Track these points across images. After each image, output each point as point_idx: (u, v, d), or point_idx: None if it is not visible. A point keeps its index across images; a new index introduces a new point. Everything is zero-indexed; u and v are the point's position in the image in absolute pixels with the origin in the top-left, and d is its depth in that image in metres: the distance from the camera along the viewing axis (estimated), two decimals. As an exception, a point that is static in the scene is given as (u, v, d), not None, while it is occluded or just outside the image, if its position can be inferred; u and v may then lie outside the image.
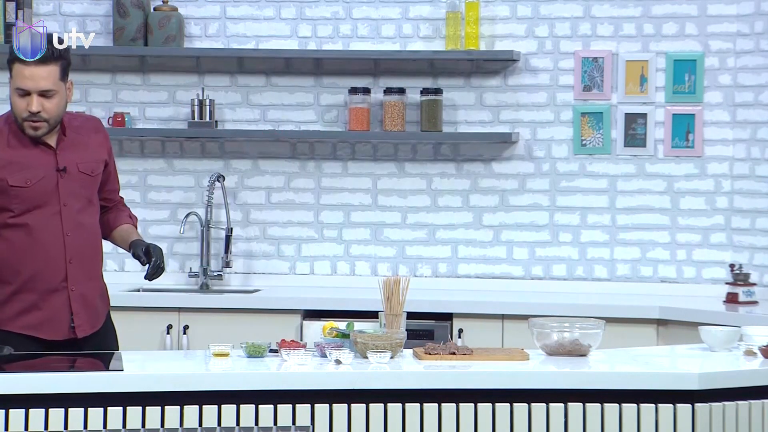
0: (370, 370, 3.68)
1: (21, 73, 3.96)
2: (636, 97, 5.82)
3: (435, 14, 5.90)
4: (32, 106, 3.96)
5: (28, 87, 3.96)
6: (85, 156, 4.13)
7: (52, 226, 4.04)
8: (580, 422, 3.63)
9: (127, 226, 4.29)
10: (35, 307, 4.04)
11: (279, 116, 5.98)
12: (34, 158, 4.04)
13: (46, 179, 4.04)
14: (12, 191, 4.00)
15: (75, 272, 4.07)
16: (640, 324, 5.31)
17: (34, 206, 4.02)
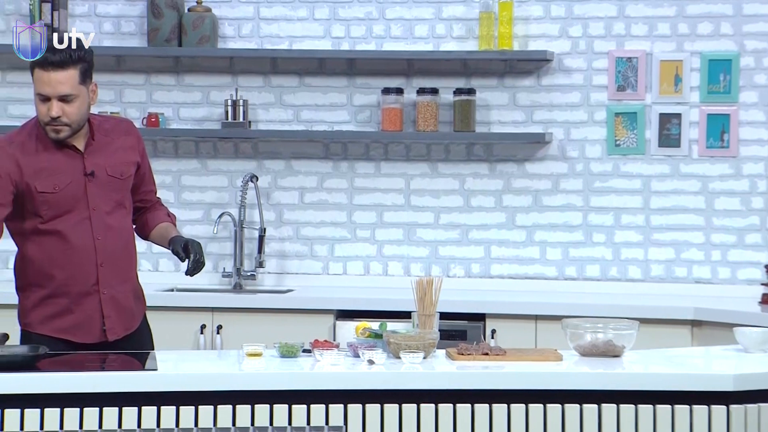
0: (403, 370, 3.68)
1: (40, 78, 3.96)
2: (670, 97, 5.79)
3: (468, 14, 5.89)
4: (52, 111, 3.95)
5: (47, 92, 3.95)
6: (115, 159, 4.12)
7: (82, 230, 4.05)
8: (613, 423, 3.61)
9: (165, 224, 4.29)
10: (67, 311, 4.06)
11: (312, 116, 5.99)
12: (62, 163, 4.04)
13: (74, 184, 4.04)
14: (40, 197, 4.00)
15: (106, 275, 4.08)
16: (675, 325, 5.28)
17: (63, 211, 4.03)
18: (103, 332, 4.08)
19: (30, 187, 3.99)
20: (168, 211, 4.37)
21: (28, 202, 4.02)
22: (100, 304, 4.07)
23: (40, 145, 4.04)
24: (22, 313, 4.13)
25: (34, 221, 4.03)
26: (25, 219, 4.05)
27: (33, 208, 4.02)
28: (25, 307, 4.11)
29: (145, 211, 4.31)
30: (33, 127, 4.08)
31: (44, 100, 3.96)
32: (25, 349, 3.72)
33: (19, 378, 3.54)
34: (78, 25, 6.01)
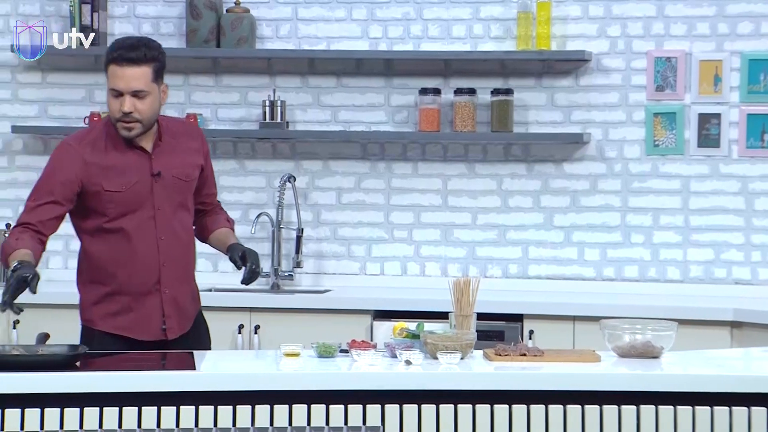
0: (440, 371, 3.68)
1: (114, 73, 4.01)
2: (710, 97, 5.75)
3: (506, 14, 5.88)
4: (125, 107, 4.01)
5: (120, 87, 4.01)
6: (181, 161, 4.17)
7: (147, 230, 4.10)
8: (652, 425, 3.60)
9: (225, 230, 4.35)
10: (128, 308, 4.11)
11: (350, 117, 6.00)
12: (130, 163, 4.09)
13: (140, 184, 4.09)
14: (107, 196, 4.05)
15: (168, 275, 4.14)
16: (714, 326, 5.25)
17: (129, 210, 4.08)
18: (163, 331, 4.14)
19: (97, 185, 4.05)
20: (227, 216, 4.43)
21: (94, 200, 4.07)
22: (161, 303, 4.13)
23: (109, 144, 4.09)
24: (83, 309, 4.19)
25: (99, 219, 4.09)
26: (89, 217, 4.11)
27: (99, 207, 4.08)
28: (86, 304, 4.17)
29: (205, 214, 4.35)
30: (104, 126, 4.14)
31: (117, 96, 4.02)
32: (65, 348, 3.75)
33: (59, 377, 3.56)
34: (117, 27, 6.04)
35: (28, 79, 6.09)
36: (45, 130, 6.03)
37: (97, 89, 6.08)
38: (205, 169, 4.27)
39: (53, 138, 6.08)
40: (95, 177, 4.05)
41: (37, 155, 6.10)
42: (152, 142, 4.13)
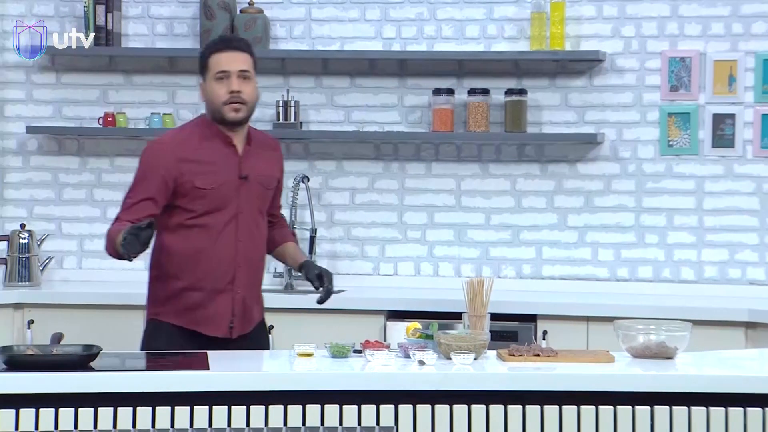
0: (453, 371, 3.67)
1: (218, 60, 4.17)
2: (724, 98, 5.74)
3: (520, 15, 5.87)
4: (233, 85, 4.14)
5: (228, 68, 4.15)
6: (264, 168, 4.31)
7: (228, 230, 4.19)
8: (666, 426, 3.59)
9: (293, 245, 4.49)
10: (201, 305, 4.18)
11: (363, 117, 6.00)
12: (221, 162, 4.19)
13: (228, 184, 4.19)
14: (197, 192, 4.15)
15: (241, 277, 4.23)
16: (729, 327, 5.23)
17: (214, 209, 4.17)
18: (230, 329, 4.22)
19: (189, 182, 4.14)
20: (293, 231, 4.58)
21: (182, 196, 4.16)
22: (232, 302, 4.21)
23: (203, 142, 4.20)
24: (153, 302, 4.26)
25: (183, 216, 4.16)
26: (174, 214, 4.18)
27: (186, 203, 4.16)
28: (158, 298, 4.24)
29: (273, 226, 4.45)
30: (196, 125, 4.26)
31: (223, 79, 4.14)
32: (80, 348, 3.76)
33: (74, 377, 3.57)
34: (131, 27, 6.06)
35: (43, 79, 6.10)
36: (59, 131, 6.05)
37: (110, 90, 6.09)
38: (280, 183, 4.44)
39: (67, 138, 6.10)
40: (187, 174, 4.14)
41: (51, 155, 6.11)
42: (242, 145, 4.26)
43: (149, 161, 4.20)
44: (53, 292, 5.71)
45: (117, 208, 6.04)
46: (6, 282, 5.83)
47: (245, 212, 4.23)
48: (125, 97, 6.08)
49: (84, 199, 6.11)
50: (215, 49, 4.22)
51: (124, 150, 6.09)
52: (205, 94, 4.23)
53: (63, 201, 6.12)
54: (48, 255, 5.99)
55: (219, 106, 4.17)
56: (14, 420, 3.50)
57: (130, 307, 5.53)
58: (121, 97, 6.08)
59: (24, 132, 6.05)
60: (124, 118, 6.01)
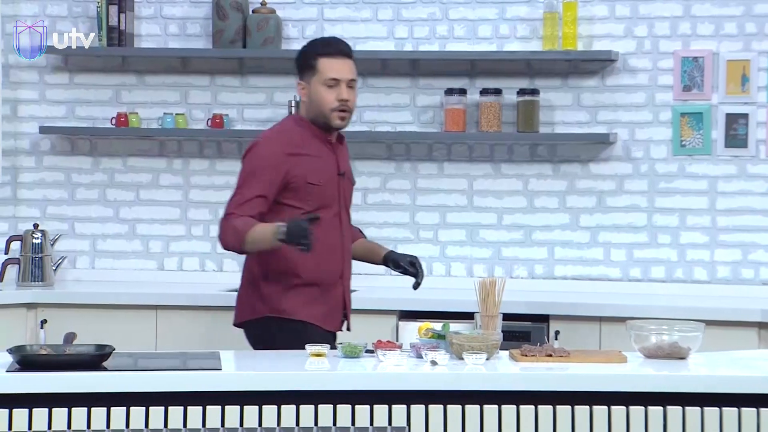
0: (465, 371, 3.67)
1: (330, 66, 4.24)
2: (737, 97, 5.73)
3: (532, 14, 5.87)
4: (343, 94, 4.22)
5: (339, 76, 4.23)
6: (348, 165, 4.41)
7: (334, 225, 4.28)
8: (679, 426, 3.58)
9: (366, 240, 4.58)
10: (318, 299, 4.25)
11: (375, 117, 6.00)
12: (324, 159, 4.28)
13: (331, 180, 4.29)
14: (308, 188, 4.21)
15: (346, 270, 4.35)
16: (741, 327, 5.22)
17: (323, 204, 4.24)
18: (342, 322, 4.33)
19: (300, 177, 4.20)
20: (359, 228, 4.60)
21: (294, 193, 4.21)
22: (343, 295, 4.31)
23: (306, 140, 4.26)
24: (270, 300, 4.25)
25: (292, 212, 4.20)
26: (282, 211, 4.21)
27: (295, 199, 4.21)
28: (275, 295, 4.24)
29: None
30: (295, 123, 4.32)
31: (333, 86, 4.22)
32: (92, 348, 3.76)
33: (86, 377, 3.58)
34: (144, 27, 6.07)
35: (56, 80, 6.12)
36: (72, 131, 6.06)
37: (123, 90, 6.10)
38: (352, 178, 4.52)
39: (80, 138, 6.11)
40: (298, 169, 4.20)
41: (64, 155, 6.13)
42: (334, 142, 4.35)
43: (260, 158, 4.23)
44: (66, 292, 5.72)
45: (128, 208, 6.12)
46: (19, 282, 5.84)
47: (344, 208, 4.34)
48: (138, 98, 6.09)
49: (97, 199, 6.12)
50: (325, 53, 4.27)
51: (137, 150, 6.10)
52: (308, 96, 4.27)
53: (76, 201, 6.13)
54: (61, 255, 6.01)
55: (327, 111, 4.24)
56: (27, 419, 3.51)
57: (143, 306, 5.55)
58: (134, 98, 6.09)
59: (37, 132, 6.07)
60: (136, 118, 6.02)
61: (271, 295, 4.26)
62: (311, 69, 4.27)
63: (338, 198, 4.31)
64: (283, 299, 4.23)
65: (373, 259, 4.53)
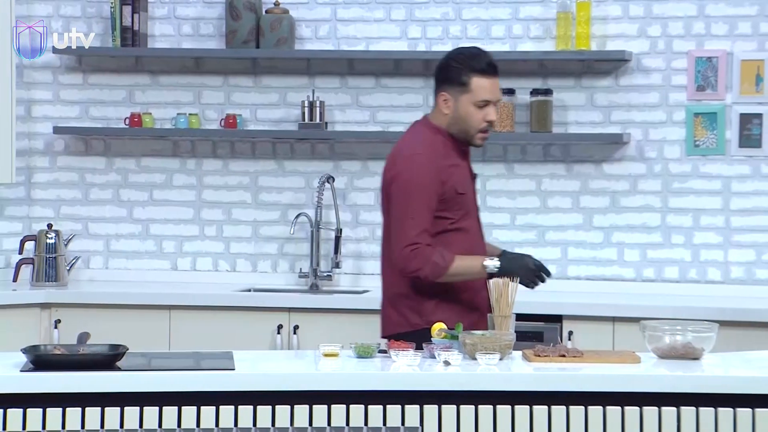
0: (478, 371, 3.67)
1: (483, 85, 4.15)
2: (751, 97, 5.71)
3: (545, 14, 5.86)
4: (491, 115, 4.16)
5: (491, 98, 4.17)
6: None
7: (476, 230, 4.26)
8: (693, 427, 3.57)
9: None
10: (468, 309, 4.17)
11: (388, 117, 6.00)
12: (462, 167, 4.24)
13: (470, 187, 4.26)
14: (457, 198, 4.18)
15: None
16: (755, 327, 5.21)
17: (467, 211, 4.22)
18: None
19: (452, 188, 4.17)
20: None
21: (445, 203, 4.17)
22: (488, 300, 4.16)
23: (448, 150, 4.21)
24: (424, 312, 4.19)
25: (443, 223, 4.17)
26: (438, 222, 4.17)
27: (447, 210, 4.17)
28: (427, 307, 4.19)
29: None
30: (432, 132, 4.23)
31: (483, 106, 4.15)
32: (106, 348, 3.77)
33: (100, 377, 3.59)
34: (158, 27, 6.08)
35: (70, 80, 6.13)
36: (86, 131, 6.08)
37: (137, 90, 6.11)
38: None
39: (94, 139, 6.12)
40: (450, 181, 4.17)
41: (78, 156, 6.14)
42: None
43: (419, 175, 4.14)
44: (80, 292, 5.74)
45: (142, 208, 6.13)
46: (33, 282, 5.85)
47: (477, 213, 4.31)
48: (151, 98, 6.10)
49: (110, 199, 6.13)
50: (480, 71, 4.16)
51: (150, 150, 6.11)
52: (453, 110, 4.17)
53: (89, 201, 6.14)
54: (75, 255, 6.02)
55: (472, 131, 4.18)
56: (41, 419, 3.52)
57: (156, 307, 5.56)
58: (148, 98, 6.10)
59: (51, 132, 6.08)
60: (150, 118, 6.03)
61: (425, 307, 4.19)
62: (462, 85, 4.15)
63: (475, 203, 4.28)
64: (438, 311, 4.17)
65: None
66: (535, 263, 4.13)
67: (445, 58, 4.26)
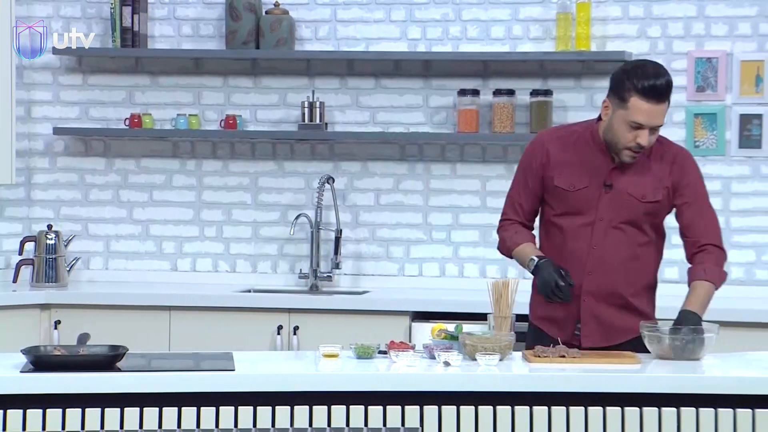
0: (478, 372, 3.67)
1: (640, 109, 3.97)
2: (751, 98, 5.71)
3: (545, 15, 5.86)
4: (644, 140, 3.99)
5: (645, 122, 3.98)
6: (642, 180, 4.09)
7: (582, 235, 4.11)
8: (693, 427, 3.57)
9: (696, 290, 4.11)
10: (548, 305, 4.12)
11: (388, 118, 6.00)
12: (589, 167, 4.10)
13: (590, 189, 4.10)
14: (555, 191, 4.12)
15: (591, 285, 4.09)
16: (756, 328, 5.21)
17: (571, 211, 4.12)
18: (576, 336, 4.11)
19: (550, 178, 4.13)
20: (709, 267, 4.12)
21: (548, 192, 4.15)
22: (578, 309, 4.10)
23: (579, 144, 4.13)
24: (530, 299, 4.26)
25: (549, 212, 4.18)
26: (543, 208, 4.21)
27: (549, 199, 4.16)
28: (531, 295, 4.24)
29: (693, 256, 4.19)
30: (585, 128, 4.16)
31: (636, 128, 4.00)
32: (106, 349, 3.77)
33: (100, 377, 3.59)
34: (158, 28, 6.08)
35: (69, 81, 6.13)
36: (86, 132, 6.08)
37: (137, 91, 6.11)
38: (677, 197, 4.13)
39: (94, 140, 6.12)
40: (551, 170, 4.12)
41: (78, 156, 6.14)
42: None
43: (527, 154, 4.20)
44: (80, 293, 5.73)
45: (142, 209, 6.13)
46: (33, 282, 5.85)
47: (606, 221, 4.07)
48: (151, 99, 6.10)
49: (110, 200, 6.13)
50: (642, 92, 3.95)
51: (150, 151, 6.11)
52: (608, 119, 4.04)
53: (89, 202, 6.14)
54: (75, 256, 6.02)
55: (620, 147, 4.03)
56: (41, 420, 3.52)
57: (156, 307, 5.56)
58: (147, 99, 6.10)
59: (51, 133, 6.08)
60: (150, 119, 6.03)
61: (531, 297, 4.23)
62: (621, 100, 3.99)
63: (596, 209, 4.07)
64: (531, 298, 4.22)
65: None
66: (556, 280, 4.00)
67: (623, 65, 4.12)
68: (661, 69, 4.02)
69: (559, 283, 4.00)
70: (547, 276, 4.03)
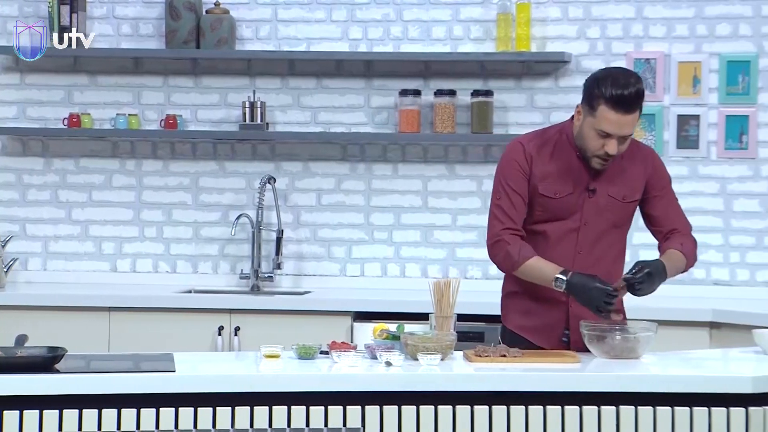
0: (420, 372, 3.68)
1: (608, 119, 3.91)
2: (689, 99, 5.77)
3: (486, 16, 5.88)
4: (611, 149, 3.94)
5: (611, 131, 3.93)
6: (621, 182, 4.08)
7: (567, 241, 4.07)
8: (632, 426, 3.60)
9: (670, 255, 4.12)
10: (533, 312, 4.09)
11: (329, 118, 6.00)
12: (570, 173, 4.05)
13: (574, 195, 4.05)
14: (540, 199, 4.05)
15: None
16: (693, 327, 5.26)
17: (554, 218, 4.06)
18: (564, 343, 4.07)
19: (534, 186, 4.05)
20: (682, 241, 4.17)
21: (531, 198, 4.07)
22: (566, 315, 4.07)
23: (556, 151, 4.07)
24: (503, 307, 4.20)
25: (532, 218, 4.08)
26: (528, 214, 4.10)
27: (532, 206, 4.07)
28: (504, 299, 4.20)
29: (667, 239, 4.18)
30: (556, 133, 4.10)
31: (604, 137, 3.95)
32: (44, 350, 3.73)
33: (38, 379, 3.55)
34: (96, 27, 6.03)
35: (7, 80, 6.07)
36: (24, 132, 6.02)
37: (75, 90, 6.06)
38: (651, 192, 4.14)
39: (32, 139, 6.06)
40: (534, 177, 4.05)
41: (15, 156, 6.08)
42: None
43: (509, 160, 4.08)
44: (17, 294, 5.68)
45: (81, 210, 6.08)
46: (-30, 284, 5.79)
47: (590, 225, 4.06)
48: (90, 98, 6.05)
49: (48, 200, 6.08)
50: (610, 101, 3.89)
51: (89, 151, 6.06)
52: (579, 125, 4.00)
53: (27, 202, 6.08)
54: (12, 257, 5.95)
55: (588, 153, 4.00)
56: (-22, 423, 3.48)
57: (96, 308, 5.51)
58: (86, 98, 6.05)
59: (-12, 133, 6.01)
60: (89, 119, 5.98)
61: (503, 299, 4.20)
62: (591, 107, 3.94)
63: (580, 214, 4.04)
64: (507, 304, 4.17)
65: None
66: (600, 290, 3.92)
67: (596, 72, 4.06)
68: (631, 78, 3.96)
69: (611, 293, 3.90)
70: (594, 294, 3.90)
